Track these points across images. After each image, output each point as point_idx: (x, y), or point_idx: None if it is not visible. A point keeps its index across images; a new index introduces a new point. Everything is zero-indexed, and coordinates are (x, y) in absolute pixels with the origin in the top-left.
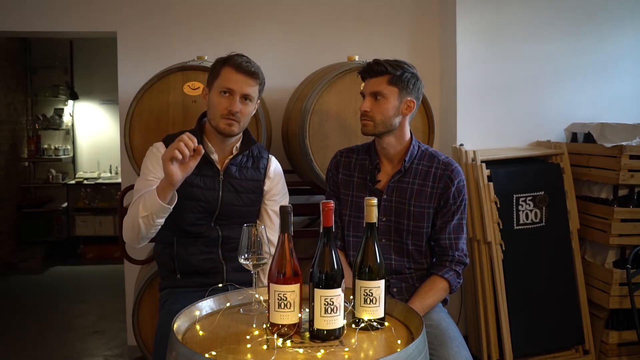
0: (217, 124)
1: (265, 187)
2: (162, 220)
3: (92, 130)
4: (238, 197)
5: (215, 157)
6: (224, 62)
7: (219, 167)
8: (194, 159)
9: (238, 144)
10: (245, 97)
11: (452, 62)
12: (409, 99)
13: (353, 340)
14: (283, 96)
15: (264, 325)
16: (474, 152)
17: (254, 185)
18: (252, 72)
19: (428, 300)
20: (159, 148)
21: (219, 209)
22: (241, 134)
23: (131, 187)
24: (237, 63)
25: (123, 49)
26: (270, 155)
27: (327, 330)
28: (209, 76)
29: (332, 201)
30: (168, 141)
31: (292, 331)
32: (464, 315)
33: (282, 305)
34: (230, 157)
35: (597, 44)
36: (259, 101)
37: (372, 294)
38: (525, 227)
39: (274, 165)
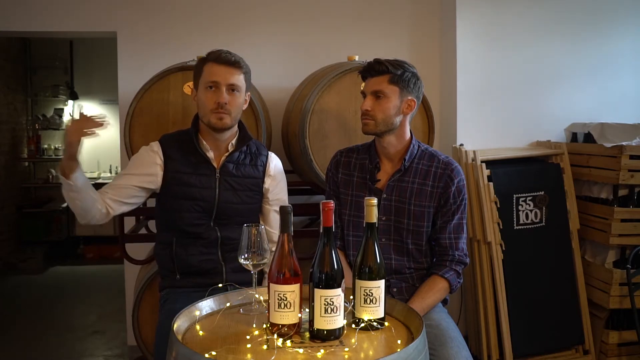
0: (208, 120)
1: (267, 186)
2: (73, 195)
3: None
4: (236, 194)
5: (211, 155)
6: (204, 60)
7: (215, 165)
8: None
9: (234, 141)
10: (232, 88)
11: (452, 62)
12: (409, 98)
13: (353, 340)
14: (283, 96)
15: (264, 325)
16: (474, 152)
17: (252, 182)
18: (233, 62)
19: (428, 300)
20: (153, 147)
21: (217, 208)
22: (237, 130)
23: None
24: (216, 56)
25: (123, 49)
26: (270, 153)
27: (327, 330)
28: (194, 78)
29: (332, 201)
30: (165, 141)
31: (292, 331)
32: (464, 315)
33: (282, 305)
34: (227, 154)
35: (597, 44)
36: (249, 93)
37: (372, 294)
38: (525, 227)
39: (275, 163)
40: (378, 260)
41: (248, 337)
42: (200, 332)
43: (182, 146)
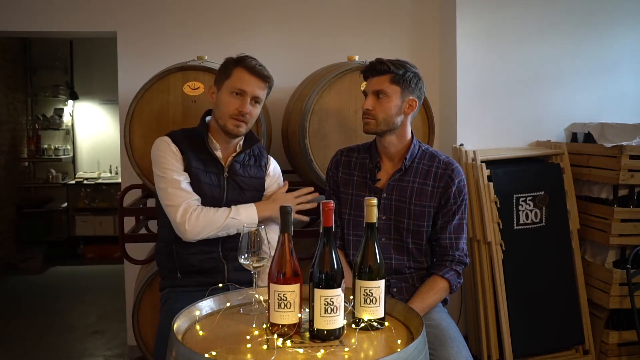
0: (225, 124)
1: (266, 185)
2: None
3: (92, 130)
4: (242, 194)
5: (219, 154)
6: (236, 63)
7: (223, 164)
8: None
9: (241, 142)
10: (256, 100)
11: (452, 62)
12: (411, 98)
13: (353, 340)
14: (283, 96)
15: (264, 325)
16: (474, 152)
17: (257, 182)
18: (265, 76)
19: (428, 301)
20: (166, 140)
21: (223, 206)
22: None
23: (131, 187)
24: (250, 65)
25: (123, 49)
26: (268, 155)
27: (327, 330)
28: (218, 75)
29: (332, 201)
30: (174, 136)
31: (292, 331)
32: (464, 315)
33: (282, 305)
34: (234, 154)
35: (598, 44)
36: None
37: (372, 294)
38: (525, 227)
39: (274, 165)
40: (378, 260)
41: (248, 337)
42: (200, 332)
43: (192, 143)
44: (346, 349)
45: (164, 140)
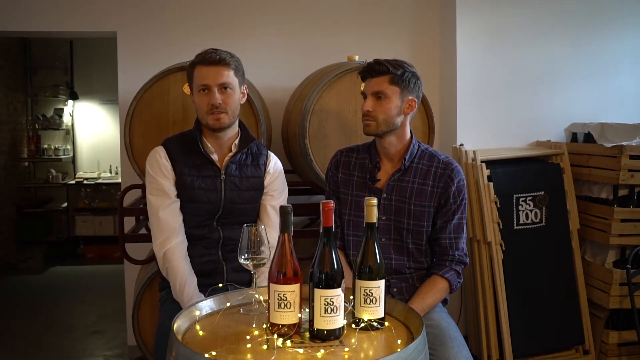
0: (206, 122)
1: (266, 182)
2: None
3: (92, 130)
4: (240, 194)
5: (215, 157)
6: (193, 64)
7: (219, 166)
8: None
9: (236, 141)
10: (224, 87)
11: (452, 62)
12: (410, 98)
13: (353, 340)
14: (283, 96)
15: (264, 325)
16: (474, 152)
17: (255, 182)
18: (218, 60)
19: (428, 300)
20: (159, 152)
21: (222, 209)
22: (238, 130)
23: (131, 187)
24: (202, 57)
25: (123, 49)
26: (269, 152)
27: (327, 330)
28: (188, 82)
29: (332, 201)
30: (168, 144)
31: (292, 331)
32: (464, 315)
33: (282, 305)
34: (230, 154)
35: (597, 43)
36: (245, 86)
37: (372, 294)
38: (525, 227)
39: (274, 161)
40: (378, 260)
41: (248, 337)
42: (200, 332)
43: (186, 148)
44: (346, 349)
45: (157, 153)
